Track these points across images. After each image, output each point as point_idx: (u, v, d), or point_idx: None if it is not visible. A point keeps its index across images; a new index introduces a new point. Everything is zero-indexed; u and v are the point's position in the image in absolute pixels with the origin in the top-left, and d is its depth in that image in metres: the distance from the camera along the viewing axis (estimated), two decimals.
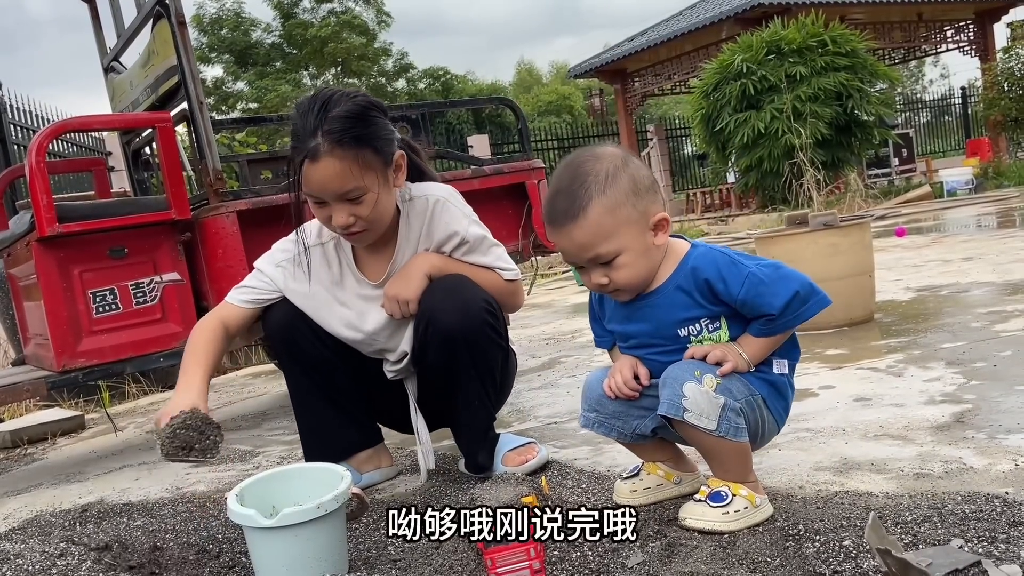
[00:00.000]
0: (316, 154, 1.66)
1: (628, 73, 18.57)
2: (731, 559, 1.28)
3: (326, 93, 1.72)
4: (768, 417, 1.48)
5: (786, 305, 1.38)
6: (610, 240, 1.39)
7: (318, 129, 1.66)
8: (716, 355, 1.42)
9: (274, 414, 3.26)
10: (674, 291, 1.45)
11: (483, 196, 3.11)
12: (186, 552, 1.62)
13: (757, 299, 1.39)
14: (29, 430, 3.54)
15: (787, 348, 1.49)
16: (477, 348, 1.82)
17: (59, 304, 2.56)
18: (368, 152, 1.69)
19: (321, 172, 1.67)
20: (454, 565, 1.34)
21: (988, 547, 1.18)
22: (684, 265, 1.45)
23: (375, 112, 1.74)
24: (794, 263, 2.98)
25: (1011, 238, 5.37)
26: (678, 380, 1.39)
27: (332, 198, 1.71)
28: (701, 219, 13.26)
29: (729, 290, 1.40)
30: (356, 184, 1.69)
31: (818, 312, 1.42)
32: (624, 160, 1.42)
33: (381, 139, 1.73)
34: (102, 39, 3.63)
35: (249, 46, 29.97)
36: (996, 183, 12.18)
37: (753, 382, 1.45)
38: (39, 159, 2.50)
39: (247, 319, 1.92)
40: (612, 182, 1.38)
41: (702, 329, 1.45)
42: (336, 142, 1.66)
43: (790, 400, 1.52)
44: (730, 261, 1.42)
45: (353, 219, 1.73)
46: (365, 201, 1.72)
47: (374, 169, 1.71)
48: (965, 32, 17.14)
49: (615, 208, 1.38)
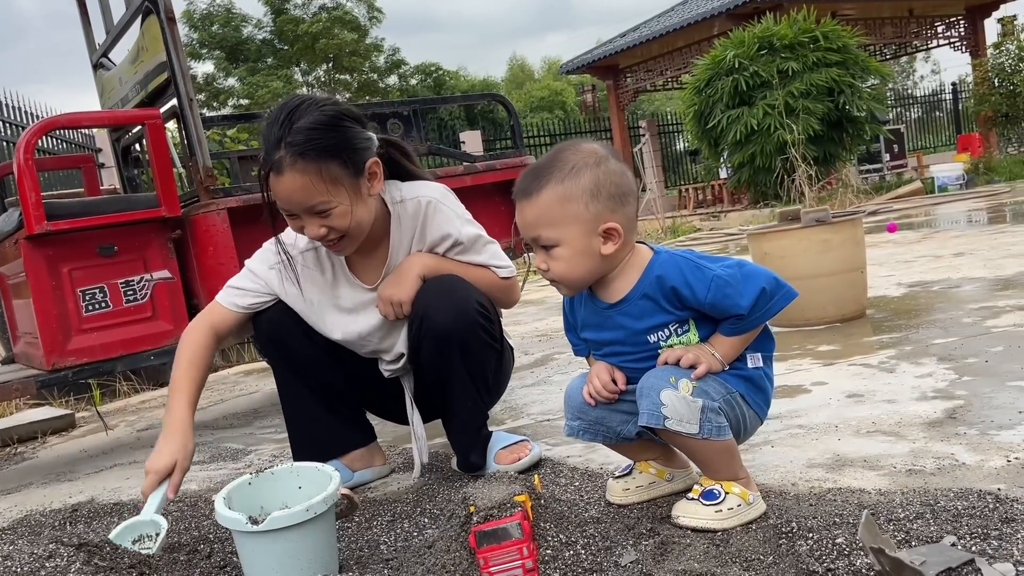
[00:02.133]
0: (280, 168, 1.62)
1: (620, 69, 18.56)
2: (724, 557, 1.28)
3: (293, 102, 1.68)
4: (748, 412, 1.48)
5: (754, 303, 1.39)
6: (552, 228, 1.41)
7: (281, 141, 1.62)
8: (689, 358, 1.42)
9: (266, 412, 3.25)
10: (640, 299, 1.45)
11: (475, 193, 3.10)
12: (177, 552, 1.61)
13: (724, 301, 1.39)
14: (19, 429, 3.52)
15: (760, 341, 1.49)
16: (469, 349, 1.81)
17: (48, 302, 2.54)
18: (334, 164, 1.64)
19: (285, 186, 1.64)
20: (446, 564, 1.34)
21: (981, 544, 1.18)
22: (649, 273, 1.45)
23: (346, 121, 1.69)
24: (786, 259, 3.03)
25: (1002, 234, 5.39)
26: (655, 388, 1.39)
27: (300, 211, 1.67)
28: (693, 215, 13.27)
29: (696, 295, 1.40)
30: (321, 199, 1.65)
31: (786, 306, 1.42)
32: (599, 160, 1.41)
33: (350, 149, 1.67)
34: (91, 35, 3.60)
35: (240, 42, 29.86)
36: (987, 179, 12.22)
37: (729, 380, 1.45)
38: (27, 156, 2.48)
39: (239, 323, 1.89)
40: (573, 175, 1.40)
41: (671, 334, 1.46)
42: (299, 155, 1.61)
43: (769, 392, 1.52)
44: (694, 266, 1.42)
45: (325, 230, 1.69)
46: (334, 214, 1.67)
47: (341, 182, 1.66)
48: (956, 28, 17.19)
49: (566, 200, 1.39)
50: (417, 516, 1.73)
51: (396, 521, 1.72)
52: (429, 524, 1.67)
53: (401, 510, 1.78)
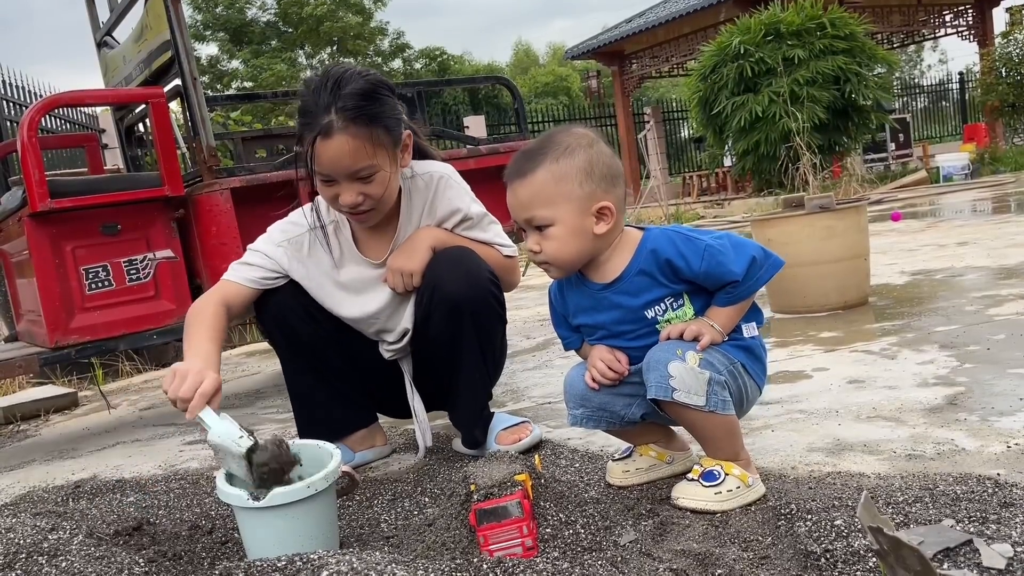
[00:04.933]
0: (329, 131, 1.64)
1: (626, 55, 18.47)
2: (723, 537, 1.28)
3: (338, 70, 1.70)
4: (749, 382, 1.50)
5: (746, 270, 1.42)
6: (546, 207, 1.42)
7: (331, 106, 1.64)
8: (692, 331, 1.44)
9: (268, 393, 3.26)
10: (636, 275, 1.46)
11: (478, 176, 3.08)
12: (179, 528, 1.62)
13: (718, 268, 1.42)
14: (22, 407, 3.54)
15: (751, 312, 1.52)
16: (481, 318, 1.82)
17: (51, 280, 2.55)
18: (380, 130, 1.68)
19: (334, 149, 1.65)
20: (447, 542, 1.35)
21: (979, 527, 1.19)
22: (642, 249, 1.47)
23: (385, 91, 1.73)
24: (790, 245, 3.02)
25: (1006, 223, 5.37)
26: (662, 361, 1.40)
27: (343, 176, 1.69)
28: (697, 203, 13.24)
29: (690, 265, 1.43)
30: (369, 162, 1.68)
31: (775, 273, 1.46)
32: (591, 142, 1.44)
33: (392, 118, 1.72)
34: (95, 13, 3.59)
35: (244, 24, 29.76)
36: (992, 169, 12.18)
37: (730, 351, 1.47)
38: (31, 134, 2.48)
39: (249, 299, 1.85)
40: (568, 155, 1.42)
41: (667, 308, 1.47)
42: (350, 119, 1.64)
43: (765, 361, 1.55)
44: (685, 238, 1.45)
45: (362, 198, 1.71)
46: (376, 180, 1.71)
47: (385, 148, 1.70)
48: (964, 17, 17.07)
49: (561, 179, 1.41)
50: (418, 495, 1.73)
51: (397, 500, 1.72)
52: (430, 503, 1.67)
53: (402, 489, 1.78)
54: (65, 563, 1.21)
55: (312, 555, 1.21)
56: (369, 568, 1.15)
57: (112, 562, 1.23)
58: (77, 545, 1.26)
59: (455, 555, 1.31)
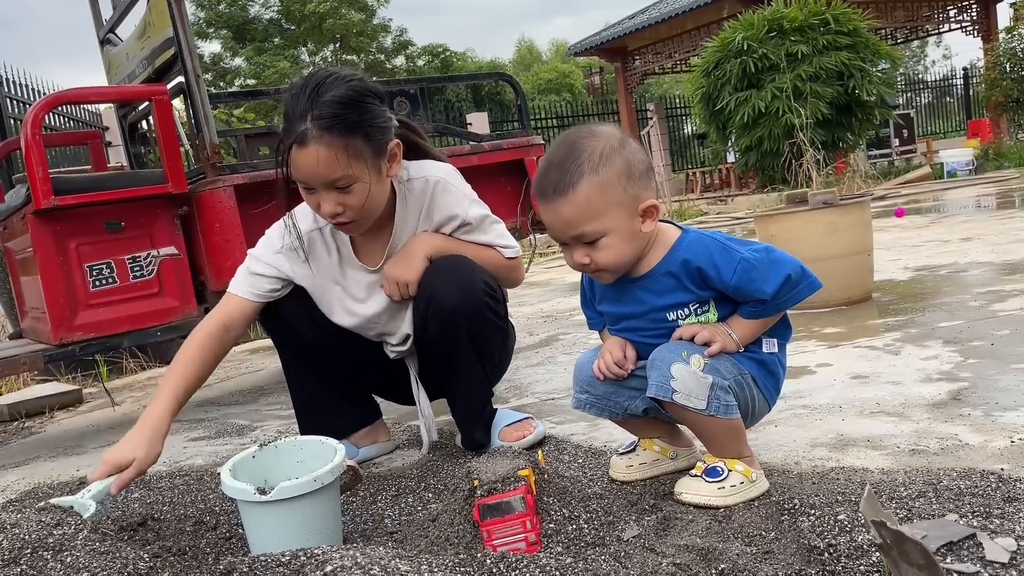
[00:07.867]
0: (304, 139, 1.59)
1: (628, 51, 18.45)
2: (726, 532, 1.28)
3: (320, 75, 1.65)
4: (758, 396, 1.47)
5: (777, 290, 1.38)
6: (596, 220, 1.37)
7: (307, 113, 1.59)
8: (704, 335, 1.42)
9: (271, 389, 3.27)
10: (664, 276, 1.44)
11: (481, 173, 3.09)
12: (183, 523, 1.62)
13: (749, 284, 1.39)
14: (27, 404, 3.55)
15: (778, 328, 1.49)
16: (476, 328, 1.80)
17: (55, 277, 2.55)
18: (359, 140, 1.62)
19: (308, 158, 1.60)
20: (450, 537, 1.35)
21: (983, 522, 1.19)
22: (676, 252, 1.44)
23: (370, 98, 1.66)
24: (793, 241, 3.02)
25: (1010, 219, 5.36)
26: (666, 362, 1.39)
27: (319, 185, 1.64)
28: (700, 199, 13.23)
29: (721, 276, 1.40)
30: (344, 173, 1.62)
31: (809, 295, 1.42)
32: (621, 142, 1.40)
33: (374, 127, 1.65)
34: (98, 10, 3.59)
35: (247, 21, 29.74)
36: (996, 164, 12.15)
37: (742, 362, 1.45)
38: (35, 131, 2.48)
39: (254, 313, 1.84)
40: (606, 162, 1.36)
41: (690, 313, 1.45)
42: (325, 128, 1.59)
43: (781, 378, 1.52)
44: (722, 247, 1.41)
45: (341, 208, 1.66)
46: (354, 191, 1.65)
47: (364, 158, 1.64)
48: (968, 12, 17.03)
49: (605, 188, 1.36)
50: (421, 491, 1.74)
51: (400, 496, 1.73)
52: (433, 498, 1.68)
53: (405, 485, 1.79)
54: (70, 558, 1.22)
55: (316, 550, 1.21)
56: (373, 563, 1.15)
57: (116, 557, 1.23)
58: (82, 540, 1.26)
59: (459, 550, 1.31)
